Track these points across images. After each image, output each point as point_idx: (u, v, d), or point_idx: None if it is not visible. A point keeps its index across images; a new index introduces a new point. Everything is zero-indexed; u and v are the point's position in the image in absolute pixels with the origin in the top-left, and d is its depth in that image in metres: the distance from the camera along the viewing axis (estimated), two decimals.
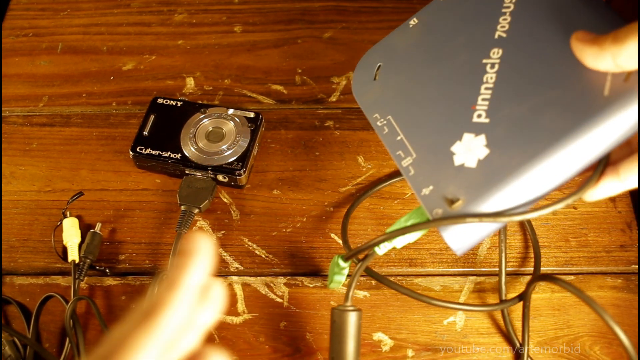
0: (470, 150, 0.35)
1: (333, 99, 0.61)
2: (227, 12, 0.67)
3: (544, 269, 0.51)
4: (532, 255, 0.51)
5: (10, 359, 0.47)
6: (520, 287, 0.50)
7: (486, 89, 0.36)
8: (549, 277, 0.44)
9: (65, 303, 0.50)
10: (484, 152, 0.34)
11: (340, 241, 0.52)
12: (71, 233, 0.52)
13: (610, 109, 0.31)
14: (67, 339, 0.48)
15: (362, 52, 0.46)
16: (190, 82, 0.62)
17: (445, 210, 0.34)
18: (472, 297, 0.50)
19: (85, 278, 0.52)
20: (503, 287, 0.50)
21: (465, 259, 0.52)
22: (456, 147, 0.36)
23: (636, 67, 0.30)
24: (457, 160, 0.35)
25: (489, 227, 0.34)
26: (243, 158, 0.54)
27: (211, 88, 0.62)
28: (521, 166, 0.33)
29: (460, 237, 0.34)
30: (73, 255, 0.51)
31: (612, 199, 0.54)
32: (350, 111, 0.60)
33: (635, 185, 0.33)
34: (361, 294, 0.51)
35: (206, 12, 0.67)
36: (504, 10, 0.38)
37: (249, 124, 0.56)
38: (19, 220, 0.55)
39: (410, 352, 0.48)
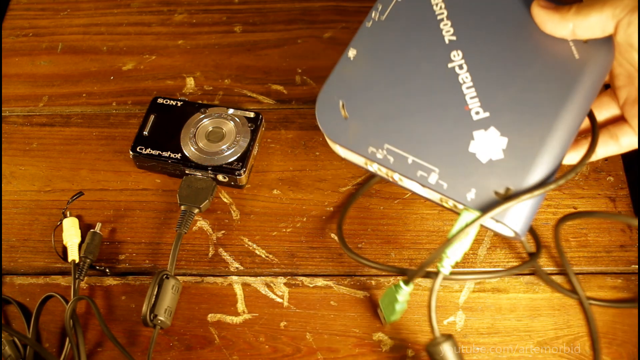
0: (489, 144, 0.37)
1: None
2: (227, 12, 0.67)
3: (544, 269, 0.51)
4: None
5: (10, 359, 0.47)
6: (519, 287, 0.50)
7: (468, 88, 0.38)
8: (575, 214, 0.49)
9: (65, 303, 0.50)
10: (503, 141, 0.37)
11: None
12: (71, 233, 0.52)
13: (587, 68, 0.37)
14: (67, 339, 0.48)
15: None
16: (190, 82, 0.62)
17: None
18: (472, 297, 0.50)
19: (85, 278, 0.52)
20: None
21: (465, 260, 0.52)
22: (473, 147, 0.38)
23: (591, 36, 0.37)
24: (482, 158, 0.37)
25: (538, 200, 0.38)
26: (243, 158, 0.54)
27: (211, 88, 0.62)
28: (543, 140, 0.37)
29: (519, 218, 0.37)
30: (73, 255, 0.52)
31: (612, 199, 0.54)
32: None
33: (632, 148, 0.40)
34: (361, 294, 0.51)
35: (206, 12, 0.67)
36: (439, 18, 0.40)
37: (249, 124, 0.56)
38: (19, 220, 0.55)
39: (410, 352, 0.48)
